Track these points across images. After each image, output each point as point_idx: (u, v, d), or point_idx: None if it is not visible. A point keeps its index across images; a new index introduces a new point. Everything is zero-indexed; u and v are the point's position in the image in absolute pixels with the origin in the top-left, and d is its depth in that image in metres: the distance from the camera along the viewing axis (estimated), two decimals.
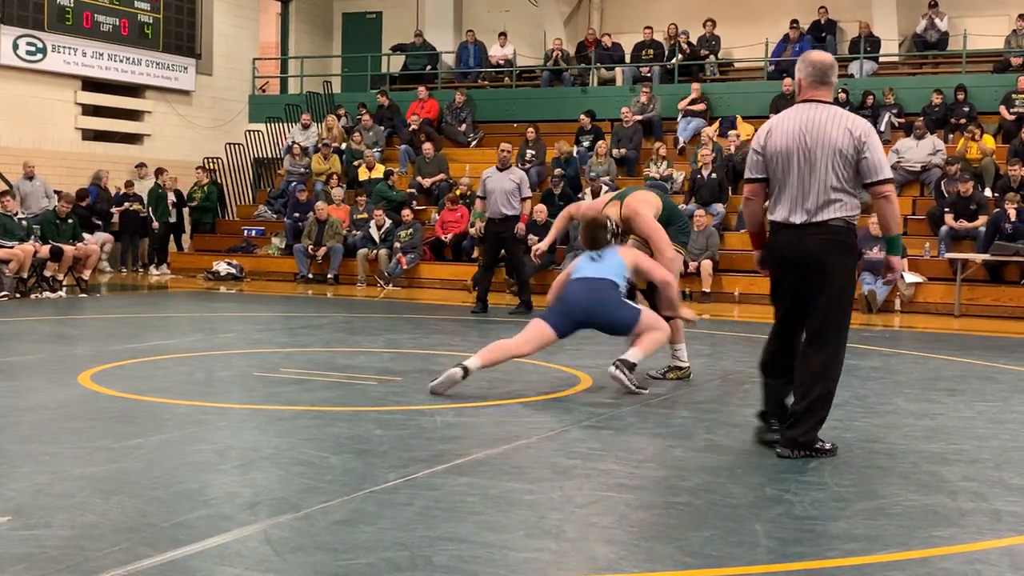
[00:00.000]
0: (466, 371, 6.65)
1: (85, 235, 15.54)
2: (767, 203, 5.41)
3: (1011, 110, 17.36)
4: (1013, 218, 14.10)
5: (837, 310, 5.22)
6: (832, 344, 5.22)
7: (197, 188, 19.81)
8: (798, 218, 5.19)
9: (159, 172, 19.40)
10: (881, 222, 5.43)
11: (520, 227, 13.44)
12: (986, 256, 14.22)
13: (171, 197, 19.28)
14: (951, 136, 17.56)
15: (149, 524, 3.80)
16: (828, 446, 5.21)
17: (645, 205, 7.56)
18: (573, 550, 3.68)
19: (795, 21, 20.45)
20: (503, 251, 13.26)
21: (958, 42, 19.24)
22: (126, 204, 18.81)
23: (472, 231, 13.24)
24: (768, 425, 5.47)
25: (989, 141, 16.69)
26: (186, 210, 19.90)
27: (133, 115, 20.72)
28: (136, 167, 19.75)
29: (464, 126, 20.63)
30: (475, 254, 17.08)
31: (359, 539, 3.67)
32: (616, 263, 7.11)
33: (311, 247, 17.53)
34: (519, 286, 13.29)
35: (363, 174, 19.26)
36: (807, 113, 5.19)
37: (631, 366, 6.87)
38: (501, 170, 12.94)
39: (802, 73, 5.27)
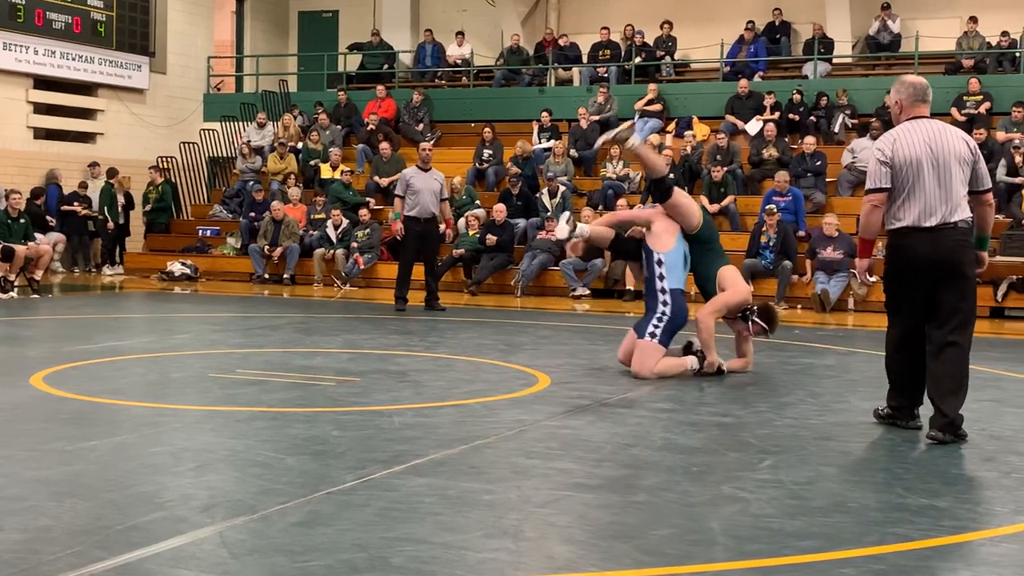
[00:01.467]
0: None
1: (37, 235, 15.36)
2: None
3: (962, 111, 17.57)
4: None
5: (972, 304, 5.72)
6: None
7: (151, 188, 19.63)
8: (933, 221, 5.60)
9: (111, 173, 19.21)
10: (984, 224, 5.89)
11: (449, 232, 13.60)
12: None
13: (120, 199, 19.07)
14: None
15: (103, 527, 3.76)
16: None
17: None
18: (531, 550, 3.68)
19: (751, 22, 20.60)
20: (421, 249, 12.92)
21: (910, 44, 19.45)
22: (75, 204, 18.63)
23: (395, 230, 13.04)
24: (911, 415, 5.90)
25: None
26: (133, 212, 19.68)
27: (86, 113, 20.49)
28: (89, 166, 19.56)
29: (421, 125, 20.59)
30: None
31: (316, 541, 3.65)
32: None
33: (267, 247, 17.43)
34: (431, 284, 13.07)
35: (326, 172, 19.16)
36: (925, 127, 5.73)
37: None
38: (424, 170, 12.80)
39: (902, 94, 5.84)
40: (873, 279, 14.67)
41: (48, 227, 17.61)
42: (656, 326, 7.61)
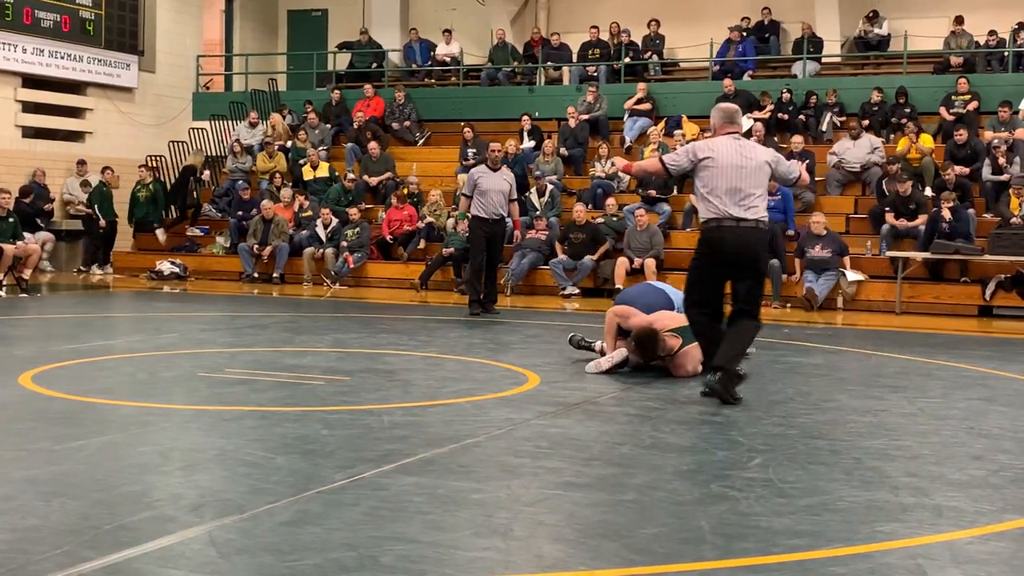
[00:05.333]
0: None
1: (26, 234, 15.31)
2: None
3: (951, 111, 17.63)
4: (948, 218, 14.32)
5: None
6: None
7: (141, 187, 19.57)
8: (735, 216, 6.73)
9: (103, 171, 19.15)
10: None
11: (518, 235, 13.42)
12: (926, 254, 14.43)
13: (78, 198, 18.96)
14: (892, 136, 17.80)
15: (91, 527, 3.75)
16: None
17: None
18: (520, 548, 3.68)
19: (745, 18, 20.64)
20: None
21: (899, 43, 19.50)
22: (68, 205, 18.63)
23: (459, 230, 12.68)
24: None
25: (927, 141, 16.94)
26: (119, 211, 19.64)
27: (74, 112, 20.42)
28: (77, 164, 19.49)
29: (408, 123, 20.58)
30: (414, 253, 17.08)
31: (305, 540, 3.65)
32: None
33: (256, 246, 17.40)
34: (491, 286, 12.79)
35: (307, 173, 19.14)
36: (733, 141, 6.97)
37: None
38: (494, 170, 12.54)
39: (715, 119, 7.17)
40: (861, 277, 14.76)
41: (37, 226, 17.55)
42: None
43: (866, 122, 17.55)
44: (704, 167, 6.83)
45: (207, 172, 20.16)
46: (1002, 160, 15.74)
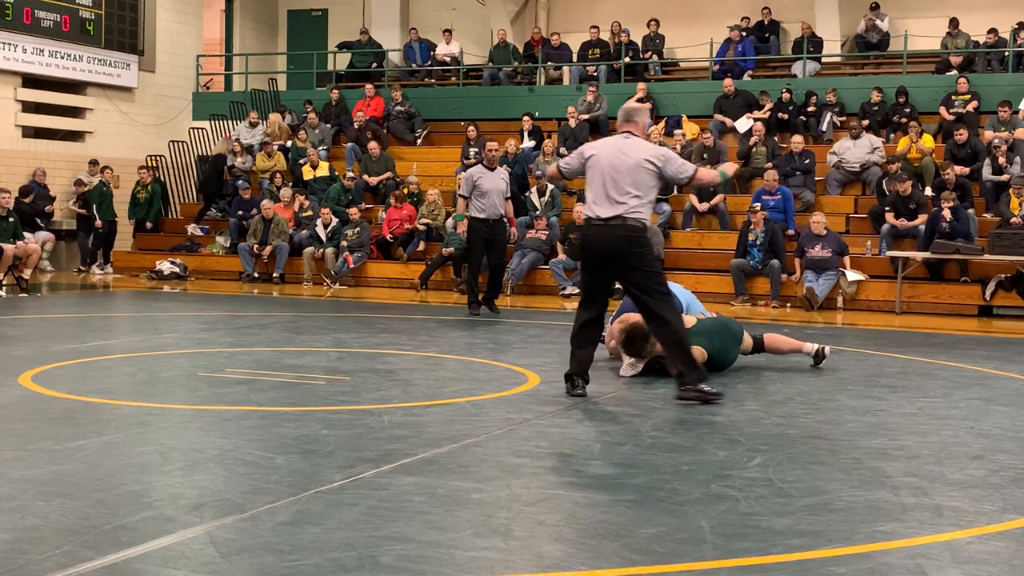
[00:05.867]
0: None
1: (26, 234, 15.31)
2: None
3: (950, 110, 17.63)
4: (948, 218, 14.32)
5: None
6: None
7: (140, 188, 19.56)
8: (605, 215, 6.73)
9: (103, 170, 19.15)
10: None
11: (515, 232, 13.29)
12: (926, 254, 14.43)
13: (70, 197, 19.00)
14: (892, 136, 17.80)
15: (91, 527, 3.75)
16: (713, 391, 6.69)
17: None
18: (520, 548, 3.68)
19: (745, 18, 20.65)
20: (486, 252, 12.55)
21: (899, 43, 19.50)
22: (71, 203, 18.62)
23: (459, 231, 12.42)
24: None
25: (928, 141, 16.94)
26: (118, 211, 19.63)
27: (75, 112, 20.42)
28: (90, 164, 19.46)
29: (411, 122, 20.58)
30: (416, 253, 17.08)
31: (305, 540, 3.65)
32: None
33: (256, 246, 17.39)
34: (494, 287, 12.76)
35: (307, 173, 19.14)
36: (620, 140, 6.92)
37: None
38: (491, 169, 12.44)
39: (619, 117, 7.07)
40: (861, 277, 14.76)
41: (37, 226, 17.55)
42: None
43: (866, 122, 17.54)
44: (588, 167, 6.85)
45: (239, 159, 20.08)
46: (1002, 160, 15.73)
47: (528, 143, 18.90)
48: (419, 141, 20.60)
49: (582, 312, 6.93)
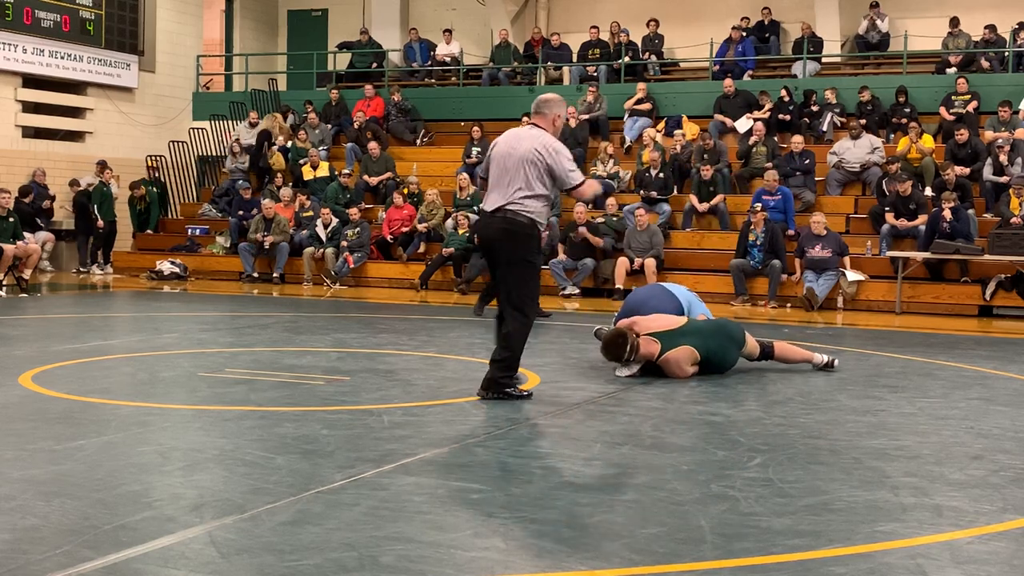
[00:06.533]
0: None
1: (26, 234, 15.31)
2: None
3: (950, 110, 17.62)
4: (949, 218, 14.32)
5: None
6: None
7: (138, 200, 19.53)
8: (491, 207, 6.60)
9: (104, 170, 19.14)
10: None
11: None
12: (926, 255, 14.43)
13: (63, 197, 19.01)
14: (892, 136, 17.80)
15: (91, 527, 3.75)
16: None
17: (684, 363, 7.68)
18: (520, 548, 3.68)
19: (745, 18, 20.66)
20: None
21: (899, 43, 19.50)
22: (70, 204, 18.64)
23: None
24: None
25: (928, 141, 16.94)
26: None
27: (75, 112, 20.42)
28: (97, 164, 19.45)
29: (410, 122, 20.59)
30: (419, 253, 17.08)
31: (305, 540, 3.65)
32: None
33: (261, 234, 17.30)
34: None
35: (307, 173, 19.14)
36: (518, 131, 6.77)
37: None
38: None
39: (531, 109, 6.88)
40: (861, 277, 14.76)
41: (37, 226, 17.56)
42: None
43: (863, 121, 17.53)
44: (490, 159, 6.79)
45: (280, 138, 20.08)
46: (1003, 158, 15.72)
47: None
48: (419, 142, 20.60)
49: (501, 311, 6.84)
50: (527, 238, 6.50)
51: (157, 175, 20.31)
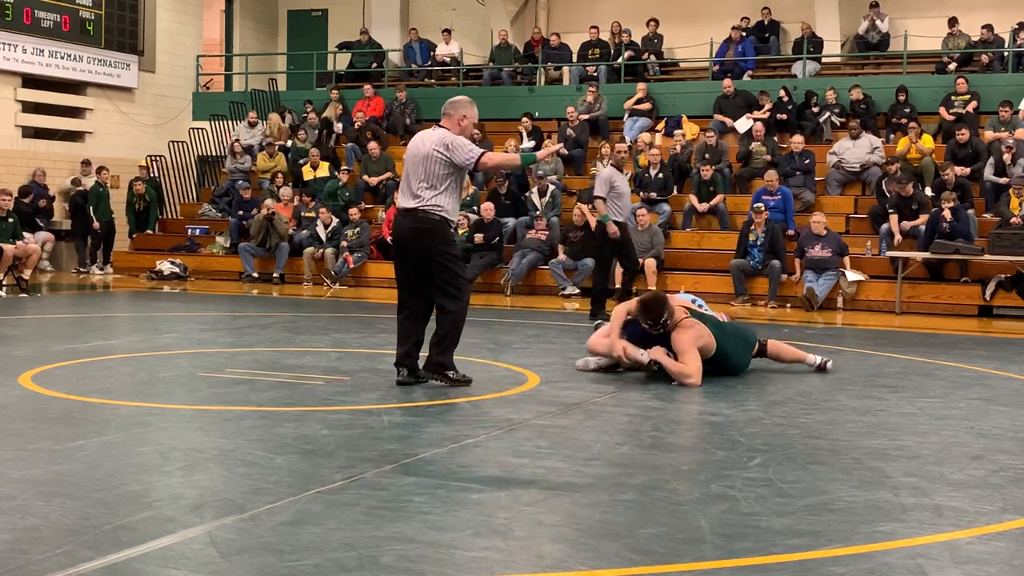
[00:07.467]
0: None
1: (26, 234, 15.31)
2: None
3: (950, 111, 17.62)
4: (948, 218, 14.31)
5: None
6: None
7: (137, 199, 19.51)
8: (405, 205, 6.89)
9: (99, 170, 19.15)
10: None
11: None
12: (926, 255, 14.43)
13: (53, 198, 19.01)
14: (892, 136, 17.80)
15: (91, 527, 3.75)
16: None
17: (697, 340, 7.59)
18: (520, 548, 3.68)
19: (745, 18, 20.66)
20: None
21: (899, 43, 19.50)
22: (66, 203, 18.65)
23: (611, 233, 11.44)
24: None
25: (928, 141, 16.94)
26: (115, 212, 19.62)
27: (75, 112, 20.42)
28: (82, 164, 19.47)
29: (408, 121, 20.57)
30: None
31: (305, 540, 3.65)
32: None
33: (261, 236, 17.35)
34: (629, 286, 12.38)
35: (307, 173, 19.14)
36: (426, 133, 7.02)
37: None
38: (621, 171, 12.03)
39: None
40: (861, 277, 14.76)
41: (37, 226, 17.56)
42: None
43: (857, 120, 17.51)
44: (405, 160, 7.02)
45: (339, 124, 20.14)
46: (1007, 157, 15.70)
47: (528, 143, 18.89)
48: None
49: (400, 306, 7.03)
50: (441, 233, 6.81)
51: (152, 175, 20.28)
